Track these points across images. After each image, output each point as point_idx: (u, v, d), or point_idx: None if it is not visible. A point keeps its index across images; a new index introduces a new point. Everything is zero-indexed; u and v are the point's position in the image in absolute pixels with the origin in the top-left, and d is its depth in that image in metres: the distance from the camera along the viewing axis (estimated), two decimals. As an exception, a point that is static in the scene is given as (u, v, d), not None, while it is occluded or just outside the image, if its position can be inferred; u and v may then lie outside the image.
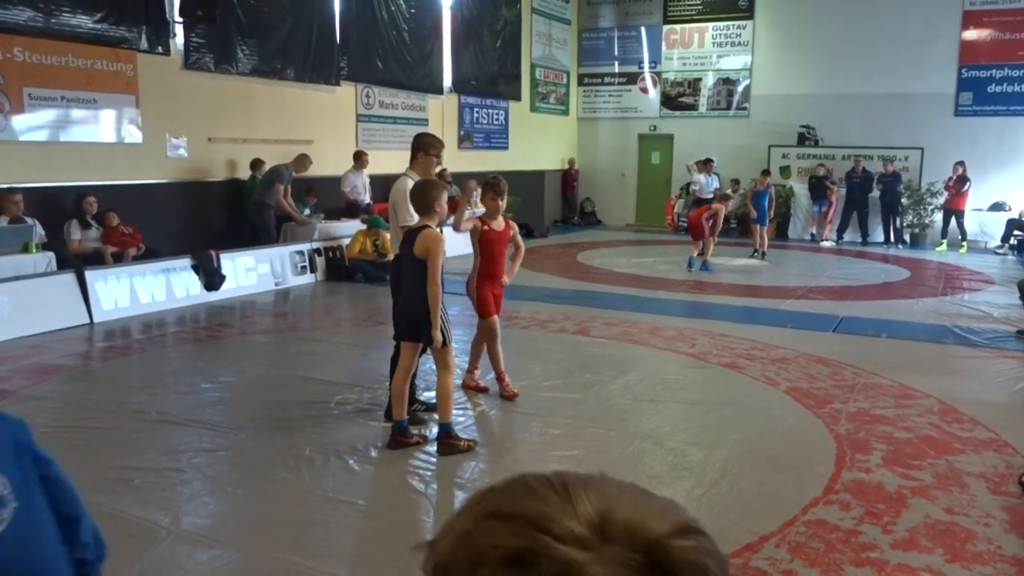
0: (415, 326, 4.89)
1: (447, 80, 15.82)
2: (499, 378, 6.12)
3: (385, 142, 14.23)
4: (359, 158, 12.53)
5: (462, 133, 16.50)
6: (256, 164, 11.30)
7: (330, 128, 13.08)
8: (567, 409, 5.83)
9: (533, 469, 2.56)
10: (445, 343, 4.85)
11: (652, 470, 4.83)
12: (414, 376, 5.38)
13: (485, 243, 5.91)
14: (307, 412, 5.68)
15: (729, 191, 15.41)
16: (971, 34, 16.81)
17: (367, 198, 12.80)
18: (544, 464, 4.83)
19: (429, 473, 4.68)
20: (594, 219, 20.38)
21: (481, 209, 6.29)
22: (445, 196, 4.95)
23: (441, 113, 15.75)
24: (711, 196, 15.17)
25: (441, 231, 4.97)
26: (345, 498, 4.31)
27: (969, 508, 4.27)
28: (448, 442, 4.92)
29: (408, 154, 5.81)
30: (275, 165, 11.20)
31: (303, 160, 11.47)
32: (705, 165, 15.82)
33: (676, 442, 5.28)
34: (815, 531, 3.97)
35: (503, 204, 5.88)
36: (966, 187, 15.62)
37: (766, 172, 14.93)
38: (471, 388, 6.20)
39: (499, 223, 5.94)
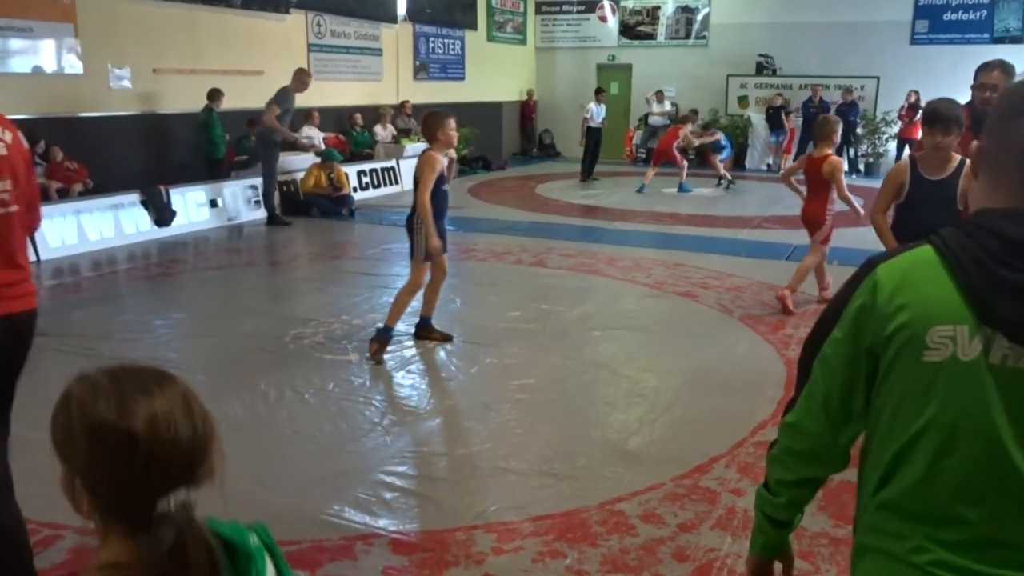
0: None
1: (401, 8, 15.40)
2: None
3: (338, 73, 13.88)
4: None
5: (417, 63, 16.15)
6: (213, 95, 10.85)
7: (281, 58, 12.68)
8: (523, 339, 5.87)
9: (490, 399, 2.61)
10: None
11: (607, 397, 4.90)
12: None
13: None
14: (263, 347, 5.64)
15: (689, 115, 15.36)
16: (929, -40, 16.75)
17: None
18: (501, 393, 4.88)
19: (385, 405, 4.69)
20: (553, 151, 20.24)
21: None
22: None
23: (396, 43, 15.37)
24: (599, 125, 15.25)
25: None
26: (302, 431, 4.32)
27: (911, 427, 4.41)
28: None
29: (364, 86, 5.66)
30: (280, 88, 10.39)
31: (302, 77, 10.37)
32: (597, 95, 15.79)
33: (631, 370, 5.35)
34: (763, 451, 4.06)
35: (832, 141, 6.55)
36: (918, 116, 15.72)
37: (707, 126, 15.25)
38: (785, 303, 6.64)
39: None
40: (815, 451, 1.40)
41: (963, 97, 4.82)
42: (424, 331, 5.82)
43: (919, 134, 16.23)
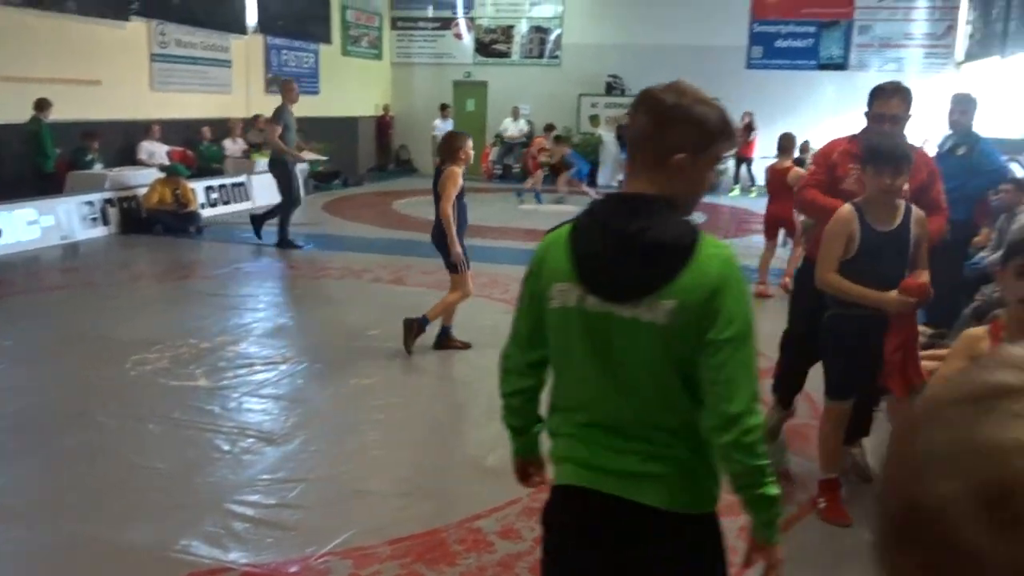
0: None
1: (251, 19, 14.97)
2: None
3: (184, 84, 13.31)
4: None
5: (269, 76, 15.73)
6: (41, 104, 10.12)
7: (120, 68, 12.05)
8: (383, 358, 5.80)
9: (348, 420, 2.63)
10: None
11: (466, 414, 4.92)
12: None
13: None
14: (100, 374, 5.30)
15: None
16: (761, -9, 17.92)
17: None
18: (359, 414, 4.80)
19: (236, 432, 4.52)
20: (410, 167, 20.18)
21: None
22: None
23: (245, 55, 14.92)
24: None
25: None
26: (144, 463, 4.09)
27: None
28: None
29: (212, 98, 5.46)
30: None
31: (289, 86, 9.95)
32: (443, 110, 16.20)
33: (489, 385, 5.36)
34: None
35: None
36: (752, 136, 16.77)
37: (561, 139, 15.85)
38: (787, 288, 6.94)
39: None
40: (517, 369, 1.96)
41: (793, 116, 4.95)
42: (447, 340, 6.05)
43: (753, 152, 17.32)
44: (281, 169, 9.86)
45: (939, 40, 17.30)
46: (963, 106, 6.03)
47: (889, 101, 3.77)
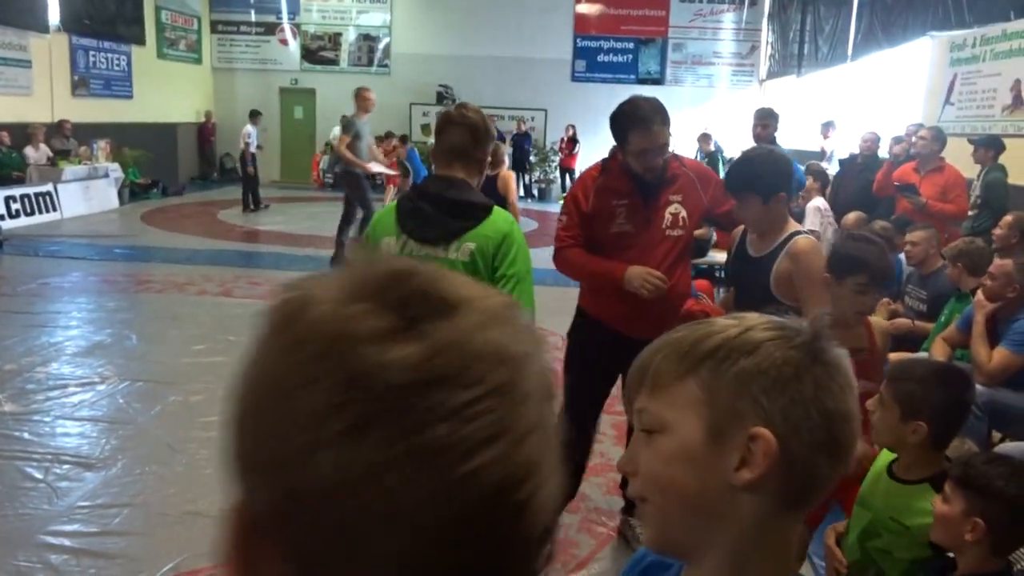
0: None
1: (54, 17, 13.91)
2: None
3: (-24, 85, 12.19)
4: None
5: (76, 78, 14.68)
6: None
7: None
8: (210, 373, 5.55)
9: (175, 440, 2.55)
10: None
11: (302, 427, 4.80)
12: None
13: None
14: None
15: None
16: (584, 7, 18.64)
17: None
18: (188, 432, 4.58)
19: (50, 458, 4.19)
20: (236, 175, 19.40)
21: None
22: None
23: (48, 55, 13.84)
24: (256, 150, 15.49)
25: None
26: (-59, 498, 3.72)
27: (586, 429, 4.84)
28: None
29: (10, 101, 5.03)
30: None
31: (363, 94, 9.40)
32: (253, 117, 15.80)
33: (326, 397, 5.28)
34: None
35: None
36: (576, 148, 17.44)
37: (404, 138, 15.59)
38: None
39: None
40: None
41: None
42: None
43: (576, 163, 18.06)
44: (349, 180, 9.41)
45: (744, 59, 18.65)
46: (765, 120, 6.56)
47: (649, 132, 3.07)
